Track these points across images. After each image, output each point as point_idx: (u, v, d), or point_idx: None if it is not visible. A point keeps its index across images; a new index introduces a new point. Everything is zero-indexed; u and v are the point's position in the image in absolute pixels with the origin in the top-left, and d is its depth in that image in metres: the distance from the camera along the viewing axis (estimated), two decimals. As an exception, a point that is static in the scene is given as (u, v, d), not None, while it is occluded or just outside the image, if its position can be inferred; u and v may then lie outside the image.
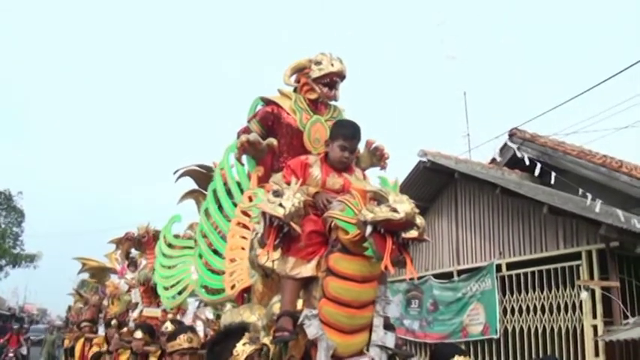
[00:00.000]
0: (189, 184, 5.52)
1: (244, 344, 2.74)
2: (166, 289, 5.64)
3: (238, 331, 2.83)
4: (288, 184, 2.89)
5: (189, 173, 5.40)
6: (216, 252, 4.16)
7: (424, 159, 10.86)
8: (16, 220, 31.07)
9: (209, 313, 5.98)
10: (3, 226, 30.49)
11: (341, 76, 3.79)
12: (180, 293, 5.53)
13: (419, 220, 2.53)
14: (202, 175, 5.37)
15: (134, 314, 7.37)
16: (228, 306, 4.31)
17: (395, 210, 2.42)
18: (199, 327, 6.11)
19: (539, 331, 9.06)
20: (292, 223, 2.73)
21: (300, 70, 3.87)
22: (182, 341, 3.95)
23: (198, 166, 5.41)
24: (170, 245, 5.93)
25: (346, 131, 3.15)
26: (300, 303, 2.90)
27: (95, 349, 8.33)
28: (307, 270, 2.81)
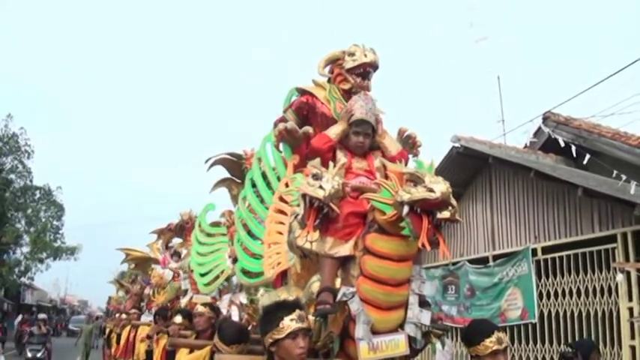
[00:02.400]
0: (221, 172, 5.60)
1: (292, 320, 2.77)
2: (202, 275, 5.78)
3: (291, 305, 2.86)
4: (326, 167, 3.01)
5: (220, 162, 5.46)
6: (254, 237, 4.27)
7: (457, 144, 10.83)
8: (56, 213, 31.65)
9: (243, 298, 6.10)
10: (43, 220, 31.10)
11: (374, 66, 3.89)
12: (216, 279, 5.67)
13: (453, 200, 2.64)
14: (233, 164, 5.43)
15: (184, 300, 7.55)
16: (262, 290, 4.43)
17: (431, 190, 2.53)
18: (234, 312, 6.24)
19: (575, 315, 9.03)
20: (332, 204, 2.86)
21: (334, 61, 3.98)
22: None
23: (229, 154, 5.46)
24: (206, 233, 6.07)
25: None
26: (338, 282, 3.00)
27: (142, 345, 8.56)
28: (345, 249, 2.93)
